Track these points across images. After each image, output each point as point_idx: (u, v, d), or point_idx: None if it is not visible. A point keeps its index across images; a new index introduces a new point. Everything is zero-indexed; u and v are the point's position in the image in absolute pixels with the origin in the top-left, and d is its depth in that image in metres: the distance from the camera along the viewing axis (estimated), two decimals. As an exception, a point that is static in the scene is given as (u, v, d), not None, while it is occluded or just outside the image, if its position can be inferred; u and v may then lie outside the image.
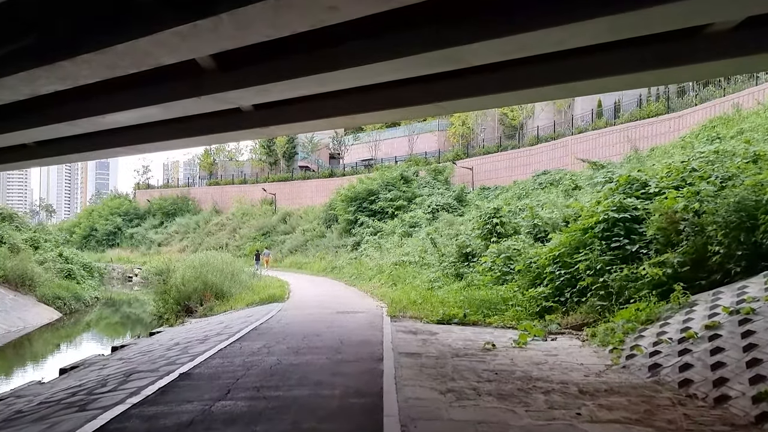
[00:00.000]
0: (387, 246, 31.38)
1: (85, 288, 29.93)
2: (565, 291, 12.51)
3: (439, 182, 43.44)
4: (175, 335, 13.63)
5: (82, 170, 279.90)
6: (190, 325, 16.17)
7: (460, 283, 17.20)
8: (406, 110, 11.73)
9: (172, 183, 77.65)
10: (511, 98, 10.78)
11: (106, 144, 16.03)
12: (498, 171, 43.57)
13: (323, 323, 12.81)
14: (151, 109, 11.91)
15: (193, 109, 12.18)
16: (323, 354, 9.13)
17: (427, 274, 20.03)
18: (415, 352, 9.43)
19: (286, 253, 45.25)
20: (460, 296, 14.91)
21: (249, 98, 11.37)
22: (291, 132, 14.52)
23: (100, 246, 66.70)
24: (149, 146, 16.05)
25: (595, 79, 8.90)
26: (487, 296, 13.98)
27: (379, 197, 39.84)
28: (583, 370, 8.14)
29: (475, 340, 10.59)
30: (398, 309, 15.12)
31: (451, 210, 36.44)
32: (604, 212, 12.52)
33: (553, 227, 17.33)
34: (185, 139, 15.21)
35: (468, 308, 13.49)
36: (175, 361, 8.95)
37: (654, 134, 31.57)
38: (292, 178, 62.63)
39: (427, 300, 15.62)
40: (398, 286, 20.19)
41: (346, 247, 37.66)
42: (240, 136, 14.56)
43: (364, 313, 14.77)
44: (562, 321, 11.73)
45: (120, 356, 11.59)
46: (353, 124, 13.49)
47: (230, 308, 18.62)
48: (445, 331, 11.71)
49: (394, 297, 17.43)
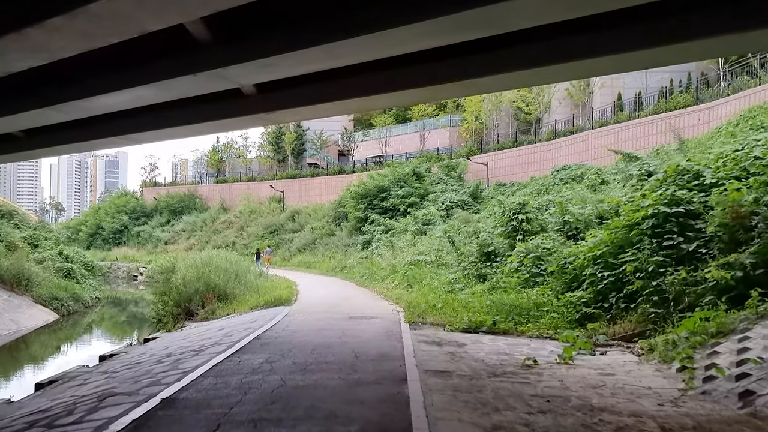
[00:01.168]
0: (399, 244, 29.94)
1: (86, 288, 28.68)
2: (609, 296, 11.00)
3: (453, 179, 41.93)
4: (169, 343, 12.26)
5: (91, 168, 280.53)
6: (189, 331, 14.81)
7: (483, 285, 15.71)
8: (429, 90, 10.28)
9: (180, 181, 76.51)
10: (563, 72, 9.24)
11: (99, 133, 14.75)
12: (514, 167, 42.06)
13: (334, 331, 11.38)
14: (142, 90, 10.57)
15: (190, 89, 10.83)
16: (335, 372, 7.69)
17: (445, 274, 18.55)
18: (444, 369, 7.97)
19: (295, 252, 43.93)
20: (485, 300, 13.43)
21: (251, 75, 9.97)
22: (298, 118, 13.05)
23: (106, 244, 65.69)
24: (146, 135, 14.76)
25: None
26: (517, 301, 12.49)
27: (390, 194, 38.41)
28: (653, 395, 6.65)
29: (511, 354, 9.12)
30: (416, 314, 13.67)
31: (466, 207, 35.00)
32: (653, 206, 10.99)
33: (586, 224, 15.83)
34: (184, 127, 13.90)
35: (497, 314, 12.02)
36: (160, 381, 7.55)
37: (682, 126, 29.85)
38: (300, 176, 61.32)
39: (448, 304, 14.16)
40: (414, 287, 18.73)
41: (356, 245, 36.27)
42: (243, 123, 13.18)
43: (379, 319, 13.33)
44: (608, 331, 10.23)
45: (105, 369, 10.23)
46: (368, 107, 12.03)
47: (233, 311, 17.23)
48: (473, 342, 10.24)
49: (410, 300, 15.98)
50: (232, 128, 13.83)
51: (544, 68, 8.54)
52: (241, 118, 12.72)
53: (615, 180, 24.71)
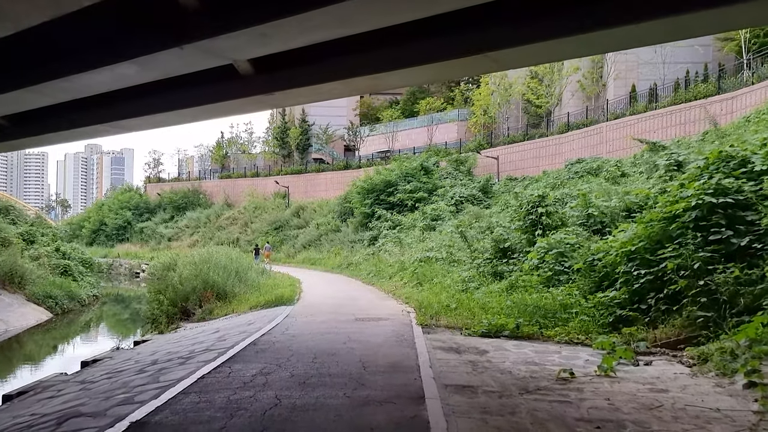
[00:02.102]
0: (407, 241, 28.78)
1: (83, 285, 27.68)
2: (646, 296, 9.81)
3: (462, 173, 40.76)
4: (158, 348, 11.17)
5: (97, 165, 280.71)
6: (183, 333, 13.72)
7: (500, 283, 14.52)
8: (446, 65, 9.09)
9: (184, 177, 75.53)
10: (607, 41, 7.98)
11: (86, 120, 13.68)
12: (525, 161, 40.90)
13: (339, 335, 10.24)
14: (124, 67, 9.44)
15: (177, 66, 9.68)
16: (339, 388, 6.55)
17: (457, 272, 17.38)
18: (467, 384, 6.82)
19: (299, 249, 42.88)
20: (504, 300, 12.26)
21: (244, 48, 8.81)
22: (301, 100, 11.94)
23: (109, 241, 64.91)
24: (135, 122, 13.67)
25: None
26: (541, 301, 11.31)
27: (397, 189, 37.26)
28: (724, 420, 5.48)
29: (542, 364, 7.95)
30: (429, 315, 12.52)
31: (477, 202, 33.82)
32: (696, 196, 9.79)
33: (612, 218, 14.64)
34: (176, 113, 12.80)
35: (519, 317, 10.85)
36: (134, 397, 6.44)
37: (703, 117, 28.55)
38: (305, 171, 60.27)
39: (462, 304, 13.00)
40: (424, 286, 17.58)
41: (362, 241, 35.15)
42: (240, 107, 12.02)
43: (388, 321, 12.18)
44: (648, 336, 9.05)
45: (83, 378, 9.14)
46: (378, 87, 10.92)
47: (232, 311, 16.15)
48: (496, 349, 9.08)
49: (421, 299, 14.84)
50: (229, 113, 12.71)
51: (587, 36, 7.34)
52: (237, 101, 11.62)
53: (635, 172, 23.48)
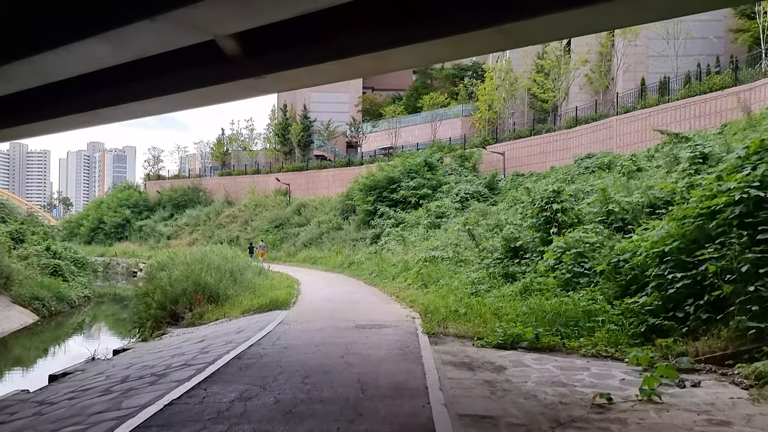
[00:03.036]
0: (411, 239, 27.66)
1: (74, 286, 26.61)
2: (683, 303, 8.66)
3: (467, 169, 39.63)
4: (136, 359, 10.06)
5: (99, 163, 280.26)
6: (169, 340, 12.62)
7: (512, 286, 13.37)
8: (456, 41, 7.96)
9: (184, 174, 74.46)
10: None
11: (61, 110, 12.60)
12: (531, 156, 39.75)
13: (336, 347, 9.11)
14: (93, 44, 8.31)
15: (152, 43, 8.53)
16: (332, 419, 5.42)
17: (465, 273, 16.24)
18: (486, 413, 5.68)
19: (300, 247, 41.79)
20: (519, 306, 11.12)
21: (226, 21, 7.65)
22: (295, 84, 10.83)
23: (108, 239, 63.93)
24: (116, 111, 12.57)
25: None
26: (560, 307, 10.16)
27: (400, 185, 36.14)
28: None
29: (570, 385, 6.81)
30: (436, 322, 11.40)
31: (483, 199, 32.66)
32: (740, 190, 8.63)
33: (634, 214, 13.48)
34: (159, 100, 11.70)
35: (537, 325, 9.71)
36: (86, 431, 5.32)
37: (720, 110, 27.39)
38: (307, 168, 59.18)
39: (473, 310, 11.86)
40: (430, 287, 16.46)
41: (364, 240, 34.04)
42: (227, 92, 10.90)
43: (391, 328, 11.04)
44: (689, 349, 7.91)
45: (43, 398, 8.03)
46: (381, 67, 9.80)
47: (224, 315, 15.04)
48: (514, 364, 7.94)
49: (427, 303, 13.72)
50: (217, 100, 11.58)
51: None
52: (225, 86, 10.53)
53: (651, 167, 22.28)
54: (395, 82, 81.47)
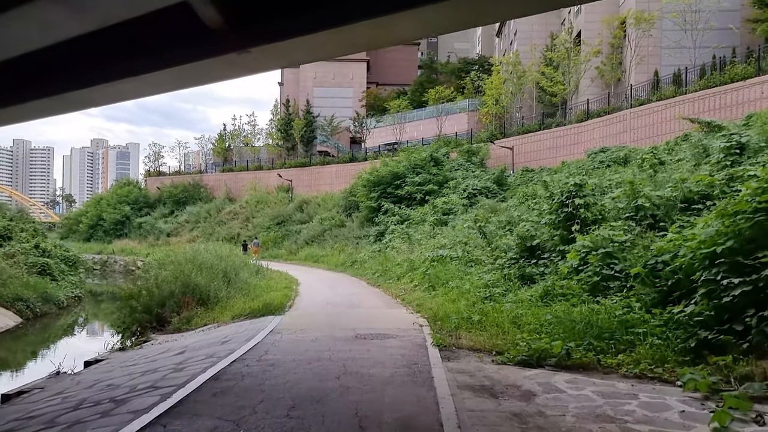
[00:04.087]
0: (417, 236, 26.34)
1: (63, 285, 25.40)
2: (742, 314, 7.31)
3: (474, 164, 38.27)
4: (103, 376, 8.78)
5: (102, 160, 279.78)
6: (148, 349, 11.34)
7: (530, 289, 12.02)
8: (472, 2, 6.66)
9: (185, 170, 73.20)
10: None
11: (24, 95, 11.31)
12: (541, 151, 38.41)
13: (332, 363, 7.80)
14: (51, 9, 7.05)
15: (118, 7, 7.26)
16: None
17: (477, 274, 14.90)
18: (521, 466, 4.36)
19: (302, 245, 40.50)
20: (541, 313, 9.78)
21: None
22: (285, 61, 9.37)
23: (107, 236, 62.77)
24: (87, 94, 11.20)
25: None
26: (591, 316, 8.81)
27: (405, 181, 34.79)
28: None
29: (620, 419, 5.47)
30: (447, 331, 10.09)
31: (491, 195, 31.31)
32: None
33: (667, 210, 12.13)
34: (135, 80, 10.33)
35: (565, 336, 8.38)
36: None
37: (743, 101, 25.98)
38: (310, 164, 57.87)
39: (488, 317, 10.53)
40: (438, 290, 15.14)
41: (368, 237, 32.73)
42: (209, 70, 9.58)
43: (396, 339, 9.72)
44: (754, 370, 6.57)
45: (-16, 425, 6.75)
46: (383, 39, 8.50)
47: (213, 320, 13.76)
48: (545, 389, 6.60)
49: (435, 308, 12.42)
50: (199, 80, 10.17)
51: None
52: (206, 62, 9.16)
53: (672, 160, 20.85)
54: (400, 77, 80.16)
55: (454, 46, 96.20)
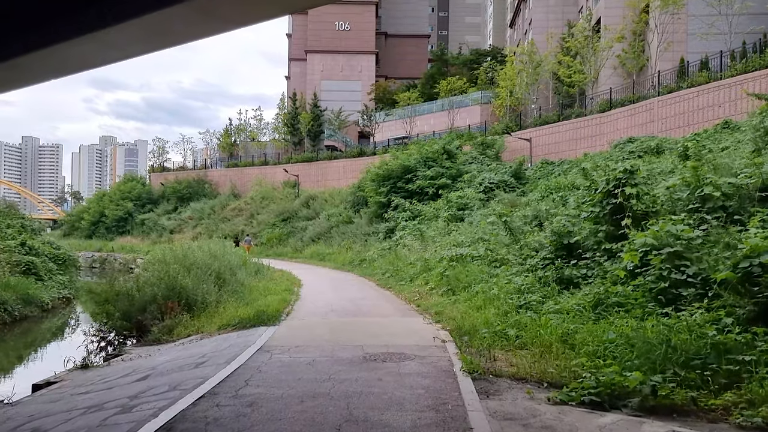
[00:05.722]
0: (430, 233, 24.32)
1: (49, 286, 23.57)
2: None
3: (489, 158, 36.16)
4: (40, 409, 6.82)
5: (111, 157, 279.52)
6: (110, 369, 9.37)
7: (573, 297, 9.93)
8: None
9: (189, 166, 71.41)
10: None
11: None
12: (560, 143, 36.30)
13: (332, 405, 5.76)
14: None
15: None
16: None
17: (504, 276, 12.82)
18: None
19: (308, 242, 38.58)
20: (598, 329, 7.73)
21: None
22: (278, 8, 7.02)
23: (109, 233, 61.22)
24: (37, 60, 9.43)
25: None
26: (673, 336, 6.74)
27: (417, 175, 32.77)
28: None
29: None
30: (477, 350, 8.07)
31: (508, 189, 29.21)
32: None
33: (741, 201, 10.03)
34: (89, 40, 8.53)
35: (639, 363, 6.33)
36: None
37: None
38: (316, 159, 55.94)
39: (526, 330, 8.51)
40: (459, 294, 13.11)
41: (377, 234, 30.73)
42: (176, 24, 7.61)
43: (415, 362, 7.69)
44: None
45: None
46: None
47: (197, 330, 11.79)
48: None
49: (459, 317, 10.40)
50: (166, 38, 8.11)
51: None
52: (171, 11, 7.28)
53: (716, 148, 18.68)
54: (410, 71, 77.99)
55: (465, 38, 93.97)
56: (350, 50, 73.77)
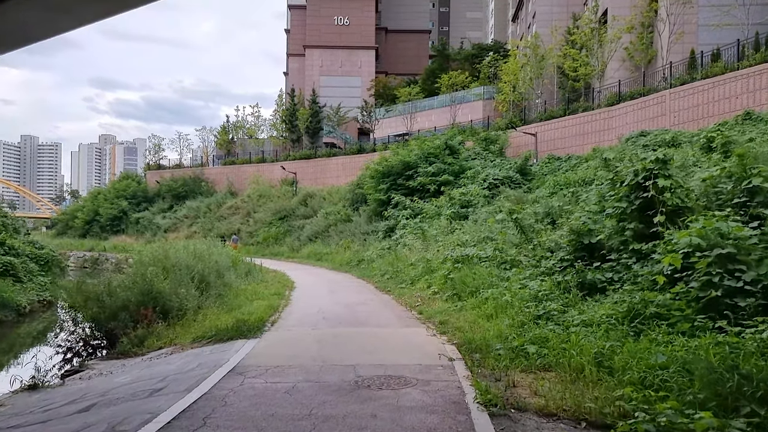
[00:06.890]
0: (432, 232, 22.93)
1: (28, 288, 22.25)
2: None
3: (492, 153, 34.80)
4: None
5: (110, 156, 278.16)
6: (60, 390, 8.01)
7: (599, 304, 8.57)
8: None
9: (187, 163, 69.93)
10: None
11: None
12: (566, 138, 34.93)
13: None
14: None
15: None
16: None
17: (517, 280, 11.44)
18: None
19: (305, 241, 37.22)
20: (640, 348, 6.35)
21: None
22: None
23: (103, 232, 59.88)
24: None
25: None
26: (744, 363, 5.36)
27: (418, 172, 31.34)
28: None
29: None
30: (491, 370, 6.71)
31: (514, 185, 27.85)
32: None
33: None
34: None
35: (702, 395, 4.97)
36: None
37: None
38: (315, 156, 54.57)
39: (552, 348, 7.14)
40: (465, 300, 11.73)
41: (376, 233, 29.34)
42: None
43: (418, 389, 6.31)
44: None
45: None
46: None
47: (170, 342, 10.42)
48: None
49: (467, 328, 9.03)
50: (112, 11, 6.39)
51: None
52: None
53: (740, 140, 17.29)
54: (410, 67, 76.47)
55: (466, 34, 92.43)
56: (350, 45, 72.36)
